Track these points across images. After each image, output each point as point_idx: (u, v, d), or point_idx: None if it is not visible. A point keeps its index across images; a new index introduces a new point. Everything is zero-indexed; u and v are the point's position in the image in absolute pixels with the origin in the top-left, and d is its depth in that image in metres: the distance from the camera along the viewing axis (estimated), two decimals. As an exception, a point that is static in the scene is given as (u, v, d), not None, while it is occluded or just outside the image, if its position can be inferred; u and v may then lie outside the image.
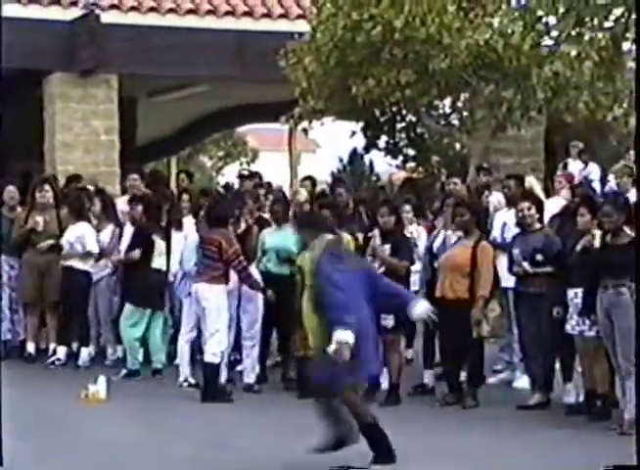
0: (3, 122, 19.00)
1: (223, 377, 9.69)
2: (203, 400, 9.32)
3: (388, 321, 8.99)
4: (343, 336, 6.56)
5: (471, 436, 8.07)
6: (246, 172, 14.96)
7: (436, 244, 9.78)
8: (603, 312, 8.21)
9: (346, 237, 9.45)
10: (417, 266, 9.99)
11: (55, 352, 11.16)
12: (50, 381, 10.41)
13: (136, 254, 10.49)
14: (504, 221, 10.05)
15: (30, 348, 11.31)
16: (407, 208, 10.61)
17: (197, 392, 9.57)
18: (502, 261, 9.33)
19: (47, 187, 11.55)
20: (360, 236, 9.80)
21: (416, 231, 10.48)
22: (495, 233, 10.08)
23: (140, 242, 10.56)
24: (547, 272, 8.89)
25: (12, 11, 14.65)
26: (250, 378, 9.90)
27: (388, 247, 9.17)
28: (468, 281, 8.99)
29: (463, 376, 9.20)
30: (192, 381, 9.93)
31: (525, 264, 8.97)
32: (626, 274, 7.92)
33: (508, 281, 9.37)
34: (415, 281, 9.93)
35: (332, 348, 6.56)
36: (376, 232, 9.33)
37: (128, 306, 10.54)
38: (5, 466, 5.16)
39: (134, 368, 10.49)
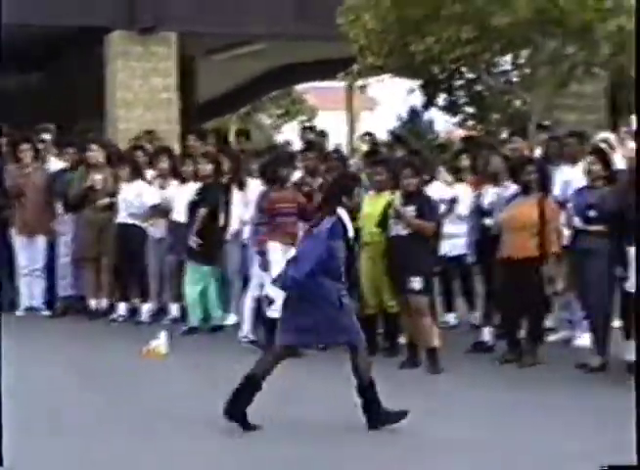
0: (64, 83, 19.18)
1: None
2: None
3: (415, 284, 8.83)
4: None
5: (527, 393, 8.00)
6: (310, 127, 14.77)
7: (487, 201, 9.66)
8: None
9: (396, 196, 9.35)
10: (462, 228, 9.92)
11: (115, 308, 11.29)
12: (112, 336, 10.56)
13: (203, 212, 10.45)
14: (565, 179, 9.91)
15: (92, 303, 11.45)
16: (441, 169, 10.49)
17: (256, 348, 9.65)
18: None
19: (94, 147, 11.58)
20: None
21: (458, 191, 10.37)
22: (556, 191, 9.95)
23: (207, 200, 10.54)
24: (599, 229, 8.71)
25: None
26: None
27: (412, 208, 9.04)
28: (537, 239, 8.88)
29: (522, 334, 9.14)
30: (252, 337, 9.97)
31: (576, 220, 8.87)
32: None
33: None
34: (455, 244, 9.95)
35: None
36: (397, 194, 9.20)
37: (190, 264, 10.58)
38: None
39: (194, 325, 10.58)
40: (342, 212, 7.03)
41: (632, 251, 8.44)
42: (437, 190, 10.16)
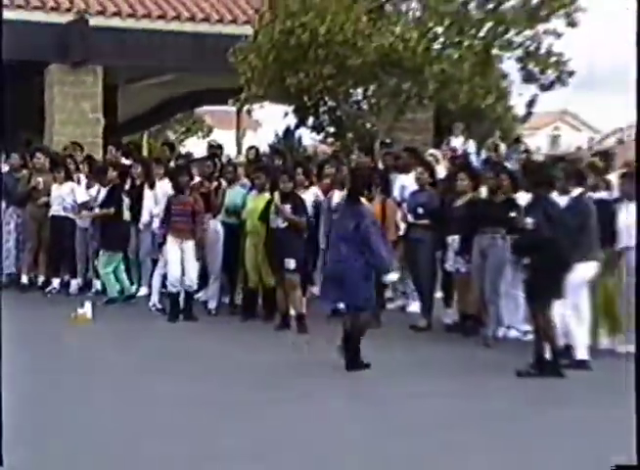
0: (11, 103, 18.49)
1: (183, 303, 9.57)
2: (168, 321, 9.24)
3: (290, 264, 8.73)
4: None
5: (373, 351, 7.94)
6: (214, 143, 14.55)
7: (335, 202, 9.53)
8: (478, 253, 8.24)
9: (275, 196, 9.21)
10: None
11: (50, 282, 10.97)
12: (47, 305, 10.25)
13: (112, 210, 10.26)
14: (402, 184, 10.00)
15: (24, 279, 11.12)
16: (299, 170, 10.33)
17: (162, 314, 9.52)
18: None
19: (39, 154, 11.32)
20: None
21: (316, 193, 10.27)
22: (395, 193, 10.03)
23: (113, 199, 10.33)
24: (425, 223, 8.87)
25: (20, 15, 14.64)
26: (211, 305, 9.78)
27: (289, 206, 8.97)
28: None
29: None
30: (159, 306, 9.82)
31: (409, 216, 8.98)
32: (501, 224, 7.93)
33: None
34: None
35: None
36: (276, 194, 9.11)
37: (103, 250, 10.36)
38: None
39: (112, 296, 10.31)
40: (364, 200, 7.15)
41: (450, 239, 8.63)
42: (314, 193, 10.05)
